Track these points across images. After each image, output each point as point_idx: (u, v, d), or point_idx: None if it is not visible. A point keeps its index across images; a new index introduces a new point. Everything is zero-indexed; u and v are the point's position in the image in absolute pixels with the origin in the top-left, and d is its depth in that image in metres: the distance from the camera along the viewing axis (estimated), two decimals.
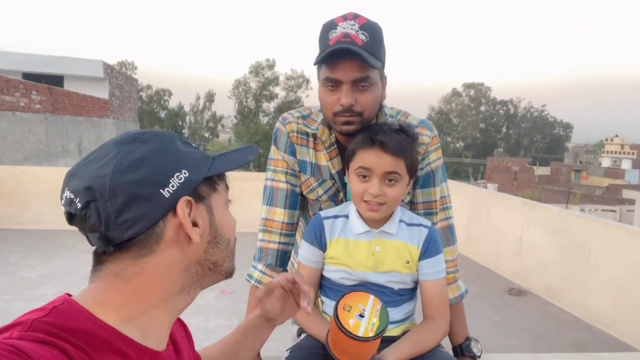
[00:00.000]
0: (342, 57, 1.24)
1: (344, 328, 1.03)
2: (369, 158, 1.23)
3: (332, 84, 1.28)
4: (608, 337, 4.46)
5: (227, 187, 0.82)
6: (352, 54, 1.22)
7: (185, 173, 0.73)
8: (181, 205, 0.72)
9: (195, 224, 0.74)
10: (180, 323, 0.95)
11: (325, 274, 1.35)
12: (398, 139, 1.23)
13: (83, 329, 0.68)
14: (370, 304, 1.09)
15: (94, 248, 0.73)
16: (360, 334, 1.03)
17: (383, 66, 1.33)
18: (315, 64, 1.31)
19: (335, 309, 1.07)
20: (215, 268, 0.78)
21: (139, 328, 0.74)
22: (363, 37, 1.24)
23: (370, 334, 1.04)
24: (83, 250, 6.17)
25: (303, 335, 1.34)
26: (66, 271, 5.33)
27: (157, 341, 0.77)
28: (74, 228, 0.72)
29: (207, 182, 0.77)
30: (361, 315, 1.06)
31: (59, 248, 6.23)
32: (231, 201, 0.83)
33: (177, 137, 0.78)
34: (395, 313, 1.31)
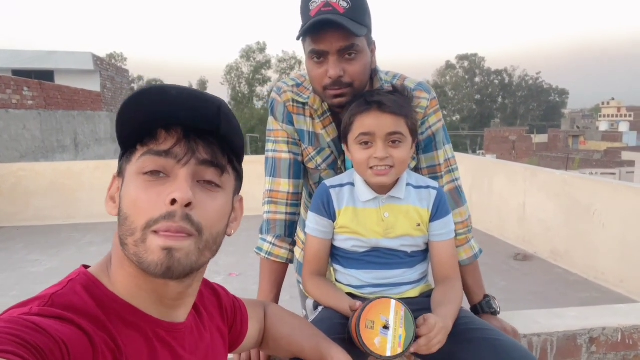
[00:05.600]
0: (324, 28, 1.21)
1: (370, 350, 1.00)
2: (368, 121, 1.19)
3: (318, 57, 1.26)
4: (616, 295, 4.50)
5: (152, 153, 0.72)
6: (335, 24, 1.19)
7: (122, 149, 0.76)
8: (113, 182, 0.78)
9: (113, 199, 0.77)
10: (213, 293, 0.94)
11: (336, 243, 1.33)
12: (394, 98, 1.20)
13: (97, 302, 0.69)
14: (393, 311, 1.04)
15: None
16: (388, 353, 1.00)
17: (369, 31, 1.29)
18: (297, 38, 1.28)
19: (357, 326, 1.02)
20: (123, 246, 0.71)
21: (147, 300, 0.74)
22: (345, 4, 1.20)
23: (399, 350, 1.01)
24: (89, 243, 6.18)
25: (320, 308, 1.33)
26: (73, 264, 5.27)
27: (172, 313, 0.77)
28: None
29: (126, 154, 0.76)
30: (385, 327, 1.02)
31: (63, 242, 6.24)
32: (158, 173, 0.72)
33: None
34: (410, 274, 1.30)
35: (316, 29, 1.21)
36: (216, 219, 0.75)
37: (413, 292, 1.30)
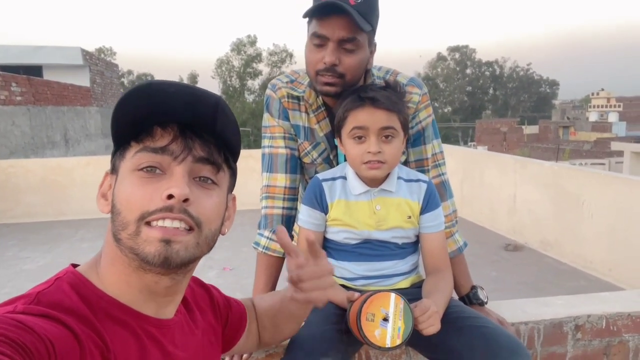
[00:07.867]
0: (332, 13, 1.22)
1: (370, 342, 1.03)
2: (362, 116, 1.22)
3: (318, 41, 1.27)
4: (605, 284, 4.57)
5: (148, 150, 0.71)
6: (343, 11, 1.20)
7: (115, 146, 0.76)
8: (104, 179, 0.77)
9: (105, 196, 0.77)
10: (205, 291, 0.94)
11: (328, 235, 1.35)
12: (387, 94, 1.23)
13: (84, 300, 0.68)
14: (393, 304, 1.07)
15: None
16: (388, 344, 1.04)
17: (373, 32, 1.31)
18: (304, 16, 1.29)
19: (359, 319, 1.05)
20: (117, 241, 0.71)
21: (136, 297, 0.74)
22: None
23: (398, 341, 1.04)
24: (80, 239, 6.16)
25: None
26: (65, 261, 5.26)
27: (160, 309, 0.77)
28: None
29: (119, 150, 0.75)
30: (385, 319, 1.05)
31: (55, 239, 6.21)
32: (154, 169, 0.72)
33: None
34: (401, 265, 1.33)
35: (323, 11, 1.23)
36: (213, 215, 0.75)
37: (404, 283, 1.33)
